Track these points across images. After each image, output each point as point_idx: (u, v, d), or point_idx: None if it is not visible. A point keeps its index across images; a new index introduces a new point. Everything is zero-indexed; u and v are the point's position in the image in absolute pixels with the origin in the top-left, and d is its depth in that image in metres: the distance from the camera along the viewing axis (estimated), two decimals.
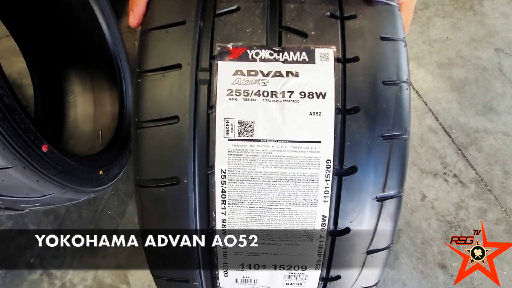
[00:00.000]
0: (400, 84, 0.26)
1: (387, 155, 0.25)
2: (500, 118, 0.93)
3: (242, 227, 0.26)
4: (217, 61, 0.24)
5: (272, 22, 0.26)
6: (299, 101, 0.24)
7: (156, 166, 0.25)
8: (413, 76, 0.97)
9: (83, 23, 0.79)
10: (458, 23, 1.03)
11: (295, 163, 0.24)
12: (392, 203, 0.26)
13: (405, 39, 0.27)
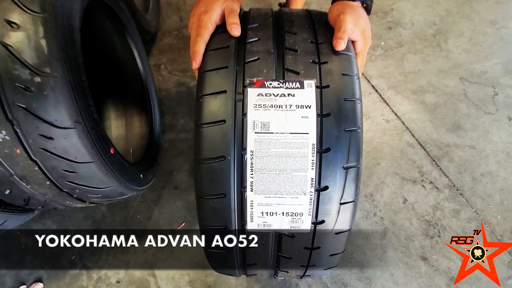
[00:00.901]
0: (355, 100, 0.43)
1: (348, 141, 0.42)
2: (467, 134, 1.11)
3: (263, 187, 0.42)
4: (247, 88, 0.43)
5: (278, 66, 0.44)
6: (295, 110, 0.41)
7: (211, 149, 0.42)
8: (392, 101, 1.16)
9: (124, 61, 0.99)
10: (428, 58, 1.24)
11: (294, 146, 0.41)
12: (353, 171, 0.42)
13: (358, 74, 0.45)
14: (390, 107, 1.15)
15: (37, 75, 0.48)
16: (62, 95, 0.51)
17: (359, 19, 0.47)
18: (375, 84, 1.19)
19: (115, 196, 0.71)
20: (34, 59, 0.48)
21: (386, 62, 1.23)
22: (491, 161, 1.06)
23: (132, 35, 0.92)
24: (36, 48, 0.48)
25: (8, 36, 0.47)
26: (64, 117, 0.52)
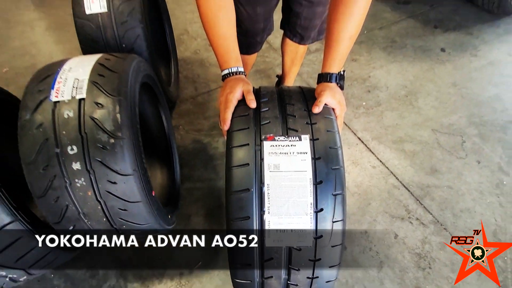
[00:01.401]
0: (337, 148, 0.63)
1: (334, 176, 0.60)
2: (443, 176, 1.29)
3: (276, 210, 0.59)
4: (263, 142, 0.62)
5: (283, 126, 0.65)
6: (297, 155, 0.61)
7: (239, 184, 0.60)
8: (376, 150, 1.36)
9: (154, 124, 1.22)
10: (403, 114, 1.49)
11: (297, 180, 0.59)
12: (340, 197, 0.59)
13: (338, 131, 0.66)
14: (375, 155, 1.35)
15: (112, 138, 0.68)
16: (127, 151, 0.70)
17: (335, 94, 0.69)
18: (361, 136, 1.41)
19: (152, 232, 0.86)
20: (111, 127, 0.69)
21: (368, 118, 1.47)
22: (467, 199, 1.22)
23: (162, 105, 1.17)
24: (113, 120, 0.69)
25: (96, 112, 0.69)
26: (127, 167, 0.70)
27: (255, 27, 1.03)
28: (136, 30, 1.00)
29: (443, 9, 1.97)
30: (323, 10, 0.98)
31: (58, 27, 1.90)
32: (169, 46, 1.50)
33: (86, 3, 0.98)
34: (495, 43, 1.77)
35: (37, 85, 0.72)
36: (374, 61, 1.70)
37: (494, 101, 1.52)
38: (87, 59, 0.77)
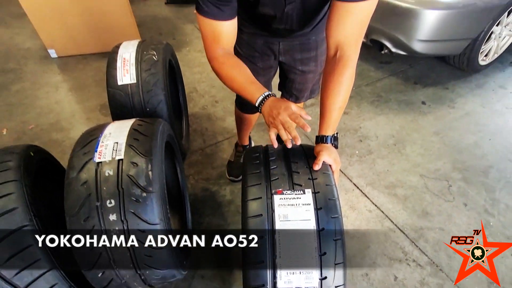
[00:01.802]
0: (335, 199, 0.75)
1: (334, 224, 0.72)
2: (434, 218, 1.39)
3: (286, 254, 0.70)
4: (273, 195, 0.75)
5: (289, 181, 0.78)
6: (301, 206, 0.73)
7: (254, 232, 0.72)
8: (371, 195, 1.48)
9: (170, 176, 1.34)
10: (392, 161, 1.64)
11: (303, 226, 0.71)
12: (339, 241, 0.70)
13: (335, 184, 0.79)
14: (370, 199, 1.47)
15: (144, 192, 0.81)
16: (155, 203, 0.82)
17: (331, 153, 0.83)
18: (356, 182, 1.54)
19: (168, 278, 0.94)
20: (144, 183, 0.81)
21: (361, 165, 1.62)
22: None
23: (177, 158, 1.31)
24: (146, 176, 0.82)
25: (131, 170, 0.82)
26: (155, 217, 0.82)
27: None
28: (159, 96, 1.18)
29: (420, 68, 2.25)
30: (313, 76, 1.17)
31: (80, 87, 2.12)
32: (182, 104, 1.70)
33: (119, 76, 1.17)
34: (469, 96, 2.00)
35: (83, 148, 0.86)
36: (364, 113, 1.90)
37: (473, 148, 1.68)
38: (123, 125, 0.93)
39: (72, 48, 2.37)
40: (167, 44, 1.36)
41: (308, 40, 1.01)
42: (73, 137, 1.76)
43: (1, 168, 0.82)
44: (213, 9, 0.76)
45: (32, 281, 0.78)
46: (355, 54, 0.76)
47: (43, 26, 2.22)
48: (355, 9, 0.70)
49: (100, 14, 2.22)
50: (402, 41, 1.74)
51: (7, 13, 2.99)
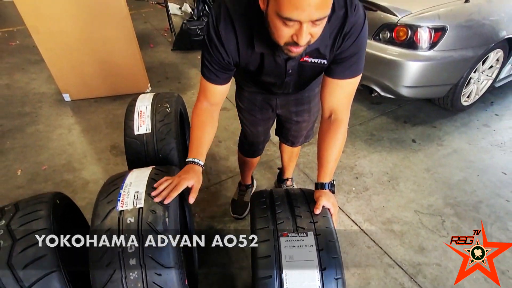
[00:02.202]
0: (334, 241, 0.84)
1: (335, 263, 0.80)
2: (430, 254, 1.46)
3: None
4: (279, 238, 0.84)
5: (293, 225, 0.87)
6: (305, 248, 0.81)
7: (263, 272, 0.80)
8: (369, 231, 1.56)
9: (180, 217, 1.42)
10: (388, 197, 1.74)
11: (306, 266, 0.79)
12: (340, 280, 0.79)
13: (334, 226, 0.88)
14: (369, 236, 1.54)
15: (162, 237, 0.90)
16: (171, 248, 0.90)
17: (329, 198, 0.93)
18: (354, 219, 1.62)
19: None
20: (161, 229, 0.90)
21: (359, 202, 1.71)
22: (455, 275, 1.37)
23: (186, 200, 1.39)
24: (163, 223, 0.91)
25: (150, 218, 0.91)
26: (170, 261, 0.89)
27: (257, 140, 1.36)
28: (171, 144, 1.31)
29: (409, 108, 2.43)
30: (307, 124, 1.31)
31: (91, 129, 2.25)
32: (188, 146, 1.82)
33: (136, 127, 1.30)
34: (455, 134, 2.15)
35: (106, 197, 0.96)
36: (358, 151, 2.02)
37: (463, 184, 1.79)
38: (142, 175, 1.04)
39: (85, 92, 2.54)
40: (178, 96, 1.51)
41: (301, 96, 1.16)
42: (84, 177, 1.86)
43: (34, 217, 0.91)
44: (212, 76, 0.89)
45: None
46: (346, 116, 0.90)
47: (60, 73, 2.40)
48: (344, 83, 0.84)
49: (114, 64, 2.42)
50: (390, 87, 1.92)
51: (25, 59, 3.21)
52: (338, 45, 0.79)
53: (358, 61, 0.83)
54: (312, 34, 0.66)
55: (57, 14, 2.13)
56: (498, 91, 2.61)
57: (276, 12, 0.62)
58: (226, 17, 0.77)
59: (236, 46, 0.81)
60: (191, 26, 3.34)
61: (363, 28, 0.78)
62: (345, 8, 0.74)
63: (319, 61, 0.84)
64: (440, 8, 1.82)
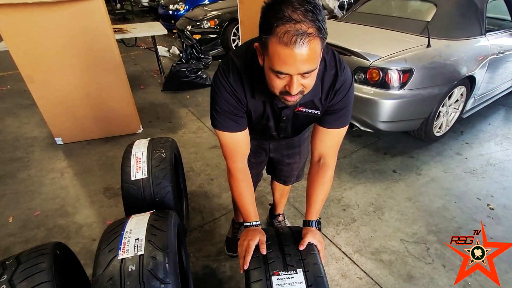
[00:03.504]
0: (322, 276, 0.91)
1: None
2: (419, 281, 1.52)
3: None
4: (271, 277, 0.90)
5: (284, 263, 0.93)
6: (296, 285, 0.86)
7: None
8: (359, 262, 1.62)
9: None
10: (374, 227, 1.82)
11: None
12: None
13: (322, 262, 0.95)
14: (359, 267, 1.60)
15: (163, 283, 0.94)
16: None
17: (315, 235, 1.01)
18: (345, 251, 1.69)
19: None
20: (162, 275, 0.95)
21: (348, 233, 1.78)
22: None
23: (183, 242, 1.44)
24: (163, 269, 0.96)
25: (151, 264, 0.96)
26: None
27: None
28: (167, 188, 1.37)
29: (387, 139, 2.60)
30: (298, 165, 1.41)
31: (84, 172, 2.29)
32: (182, 186, 1.88)
33: (132, 172, 1.37)
34: (431, 163, 2.30)
35: (108, 246, 1.01)
36: (344, 183, 2.13)
37: (442, 211, 1.90)
38: (142, 221, 1.09)
39: (77, 135, 2.61)
40: (172, 140, 1.60)
41: (292, 140, 1.28)
42: (78, 221, 1.87)
43: (36, 270, 0.94)
44: (230, 123, 0.93)
45: None
46: (334, 161, 1.01)
47: (52, 118, 2.47)
48: (333, 132, 0.96)
49: (107, 107, 2.52)
50: (368, 122, 2.09)
51: (16, 104, 3.28)
52: (330, 99, 0.91)
53: (346, 114, 0.95)
54: (304, 85, 0.76)
55: (53, 64, 2.25)
56: (467, 121, 2.84)
57: (269, 67, 0.73)
58: (234, 70, 0.87)
59: (244, 94, 0.90)
60: (180, 68, 3.53)
61: (351, 87, 0.91)
62: (335, 68, 0.88)
63: (312, 111, 0.95)
64: (406, 53, 2.05)
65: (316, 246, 0.99)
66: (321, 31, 0.66)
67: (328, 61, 0.87)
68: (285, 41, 0.64)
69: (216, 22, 4.64)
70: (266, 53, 0.71)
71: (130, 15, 8.85)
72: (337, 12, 5.20)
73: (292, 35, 0.64)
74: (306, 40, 0.64)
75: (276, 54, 0.68)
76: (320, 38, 0.67)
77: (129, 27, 3.55)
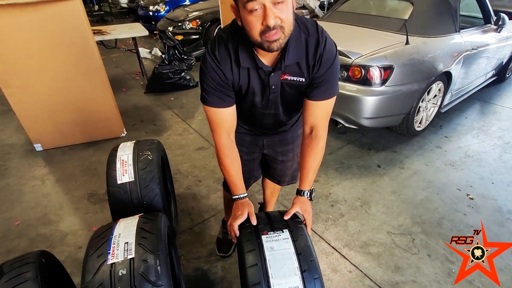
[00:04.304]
0: (305, 234, 0.93)
1: (307, 249, 0.88)
2: (406, 271, 1.57)
3: (277, 273, 0.84)
4: (261, 235, 0.92)
5: (271, 227, 0.94)
6: (282, 240, 0.90)
7: (250, 261, 0.87)
8: (349, 256, 1.65)
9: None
10: (362, 221, 1.86)
11: (286, 254, 0.87)
12: (314, 261, 0.88)
13: (305, 225, 0.97)
14: (349, 260, 1.63)
15: (155, 286, 0.93)
16: None
17: (303, 205, 1.02)
18: (334, 245, 1.71)
19: None
20: (154, 278, 0.93)
21: (336, 228, 1.81)
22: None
23: (173, 245, 1.42)
24: (155, 272, 0.95)
25: (142, 268, 0.94)
26: None
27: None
28: (155, 190, 1.35)
29: (371, 135, 2.67)
30: (291, 164, 1.42)
31: (66, 178, 2.22)
32: (169, 189, 1.86)
33: (118, 176, 1.34)
34: (413, 156, 2.38)
35: (96, 251, 0.98)
36: (331, 180, 2.17)
37: (426, 203, 1.97)
38: (130, 225, 1.07)
39: (58, 141, 2.52)
40: (158, 142, 1.58)
41: (286, 137, 1.29)
42: (62, 229, 1.81)
43: (22, 280, 0.91)
44: (217, 100, 0.95)
45: None
46: (325, 132, 1.04)
47: (31, 124, 2.38)
48: (322, 104, 0.98)
49: (89, 111, 2.45)
50: (352, 119, 2.13)
51: None
52: (316, 69, 0.93)
53: (333, 85, 0.97)
54: (281, 19, 0.77)
55: (30, 68, 2.17)
56: (445, 116, 2.96)
57: (243, 7, 0.75)
58: (221, 42, 0.90)
59: (230, 66, 0.92)
60: (163, 70, 3.48)
61: (336, 58, 0.93)
62: (317, 34, 0.90)
63: (298, 79, 0.96)
64: (386, 50, 2.11)
65: (303, 215, 1.03)
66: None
67: (310, 28, 0.90)
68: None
69: (198, 23, 4.61)
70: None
71: (108, 17, 8.63)
72: (318, 12, 5.29)
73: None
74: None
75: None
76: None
77: (109, 29, 3.47)
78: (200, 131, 2.78)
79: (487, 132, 2.73)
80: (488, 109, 3.18)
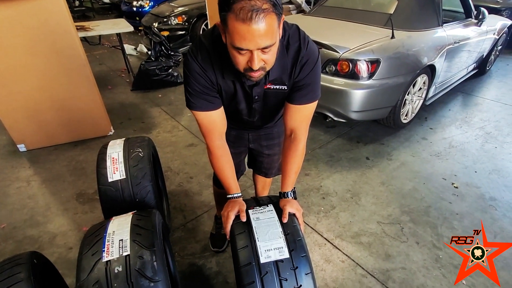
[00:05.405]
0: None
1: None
2: (396, 259, 1.62)
3: (262, 237, 0.88)
4: (248, 210, 0.96)
5: (258, 203, 0.96)
6: (267, 212, 0.97)
7: (240, 227, 0.92)
8: (341, 246, 1.69)
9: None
10: (353, 212, 1.90)
11: (270, 221, 0.93)
12: (296, 225, 0.92)
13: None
14: (341, 250, 1.67)
15: (152, 282, 0.92)
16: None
17: (293, 204, 1.03)
18: (327, 237, 1.75)
19: None
20: (151, 273, 0.93)
21: (328, 220, 1.85)
22: (419, 276, 1.54)
23: (167, 241, 1.41)
24: (152, 268, 0.94)
25: (138, 264, 0.94)
26: None
27: None
28: (147, 187, 1.34)
29: (359, 128, 2.71)
30: (278, 157, 1.43)
31: (53, 179, 2.16)
32: (161, 186, 1.84)
33: (109, 174, 1.32)
34: (400, 148, 2.44)
35: (90, 249, 0.97)
36: (321, 173, 2.20)
37: (413, 192, 2.03)
38: (124, 222, 1.06)
39: (43, 140, 2.45)
40: (149, 139, 1.56)
41: (271, 131, 1.30)
42: (50, 230, 1.77)
43: (15, 281, 0.88)
44: (204, 103, 0.94)
45: None
46: (305, 135, 1.05)
47: (13, 124, 2.30)
48: (302, 108, 0.99)
49: (74, 109, 2.39)
50: (340, 112, 2.17)
51: None
52: (296, 74, 0.93)
53: (314, 89, 0.98)
54: (265, 60, 0.78)
55: (11, 65, 2.09)
56: (430, 108, 3.05)
57: (231, 44, 0.75)
58: (202, 50, 0.89)
59: (213, 73, 0.91)
60: (150, 66, 3.42)
61: (317, 62, 0.94)
62: (299, 42, 0.90)
63: (280, 87, 0.97)
64: (373, 44, 2.14)
65: (295, 214, 1.04)
66: (276, 7, 0.69)
67: (291, 36, 0.90)
68: (242, 17, 0.67)
69: (184, 18, 4.54)
70: (227, 30, 0.73)
71: (90, 13, 8.39)
72: (305, 7, 5.31)
73: (248, 11, 0.66)
74: (262, 16, 0.67)
75: (235, 30, 0.70)
76: (276, 13, 0.70)
77: (92, 25, 3.38)
78: (189, 127, 2.76)
79: (470, 123, 2.83)
80: (470, 101, 3.30)
